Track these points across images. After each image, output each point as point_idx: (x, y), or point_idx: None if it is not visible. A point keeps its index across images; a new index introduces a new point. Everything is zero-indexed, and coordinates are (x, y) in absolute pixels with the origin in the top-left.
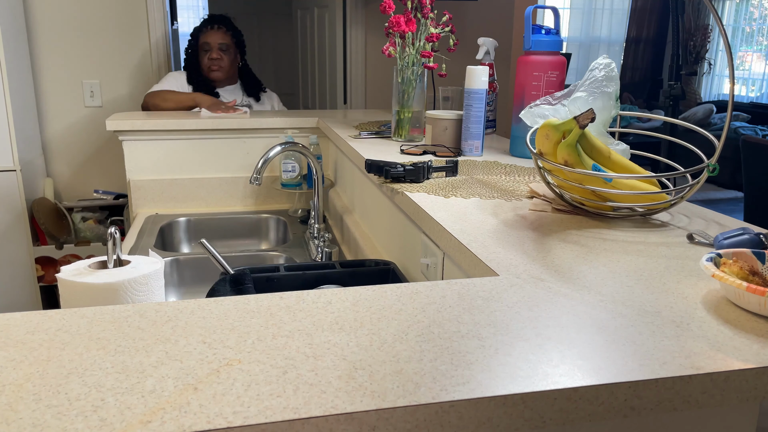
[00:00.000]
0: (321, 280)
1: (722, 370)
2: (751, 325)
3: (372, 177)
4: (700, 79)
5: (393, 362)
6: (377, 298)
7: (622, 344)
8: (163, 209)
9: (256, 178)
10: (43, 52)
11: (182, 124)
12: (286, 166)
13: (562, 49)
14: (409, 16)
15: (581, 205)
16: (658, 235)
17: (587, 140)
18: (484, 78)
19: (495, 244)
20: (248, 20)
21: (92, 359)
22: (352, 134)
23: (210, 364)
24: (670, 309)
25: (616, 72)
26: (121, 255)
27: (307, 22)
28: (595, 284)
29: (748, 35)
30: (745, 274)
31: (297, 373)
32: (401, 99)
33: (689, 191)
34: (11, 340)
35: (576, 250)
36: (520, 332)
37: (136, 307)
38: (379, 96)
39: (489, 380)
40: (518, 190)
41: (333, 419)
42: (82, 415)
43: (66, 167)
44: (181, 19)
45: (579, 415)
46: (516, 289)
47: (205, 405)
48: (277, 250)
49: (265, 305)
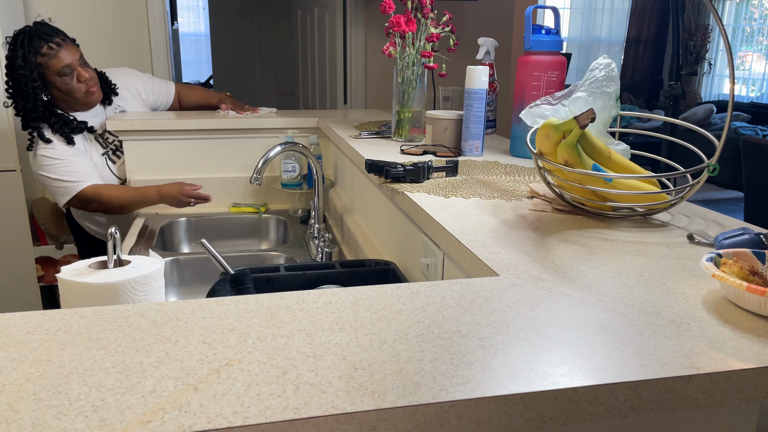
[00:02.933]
0: (321, 280)
1: (722, 370)
2: (751, 325)
3: (372, 177)
4: (700, 79)
5: (393, 362)
6: (377, 298)
7: (622, 344)
8: (163, 209)
9: (256, 178)
10: None
11: (182, 124)
12: (286, 166)
13: (562, 49)
14: (409, 16)
15: (581, 205)
16: (659, 235)
17: (587, 140)
18: (484, 78)
19: (495, 244)
20: (248, 20)
21: (92, 359)
22: (352, 134)
23: (210, 364)
24: (670, 309)
25: (616, 72)
26: (122, 255)
27: (307, 22)
28: (595, 284)
29: (748, 35)
30: (745, 274)
31: (297, 373)
32: (401, 99)
33: (689, 191)
34: (11, 340)
35: (576, 250)
36: (520, 332)
37: (136, 307)
38: (379, 96)
39: (489, 380)
40: (518, 190)
41: (333, 419)
42: (82, 415)
43: None
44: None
45: (579, 415)
46: (516, 289)
47: (205, 405)
48: (277, 250)
49: (265, 305)
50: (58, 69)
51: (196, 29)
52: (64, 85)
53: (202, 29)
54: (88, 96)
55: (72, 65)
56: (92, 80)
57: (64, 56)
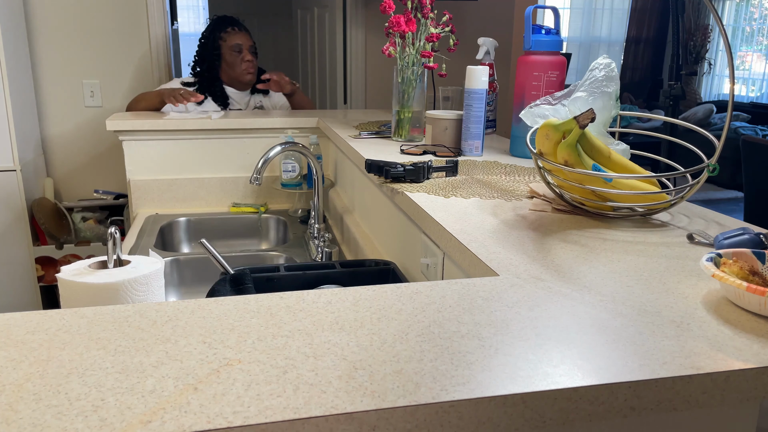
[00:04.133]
0: (321, 280)
1: (722, 370)
2: (751, 325)
3: (372, 177)
4: (700, 79)
5: (393, 362)
6: (377, 298)
7: (622, 344)
8: (163, 209)
9: (256, 178)
10: (43, 52)
11: (182, 124)
12: (286, 166)
13: (562, 49)
14: (409, 16)
15: (581, 205)
16: (658, 235)
17: (587, 140)
18: (484, 78)
19: (495, 244)
20: (248, 20)
21: (92, 359)
22: (352, 134)
23: (210, 364)
24: (670, 309)
25: (616, 72)
26: (121, 255)
27: (307, 22)
28: (595, 284)
29: (748, 35)
30: (745, 274)
31: (297, 373)
32: (401, 99)
33: (689, 191)
34: (11, 340)
35: (576, 250)
36: (520, 332)
37: (136, 307)
38: (379, 96)
39: (489, 380)
40: (518, 190)
41: (333, 419)
42: (82, 415)
43: (66, 167)
44: (181, 19)
45: (579, 415)
46: (516, 289)
47: (205, 405)
48: (277, 250)
49: (265, 305)
50: (232, 44)
51: (196, 29)
52: (231, 58)
53: (202, 29)
54: (243, 75)
55: (242, 45)
56: (252, 66)
57: (239, 37)
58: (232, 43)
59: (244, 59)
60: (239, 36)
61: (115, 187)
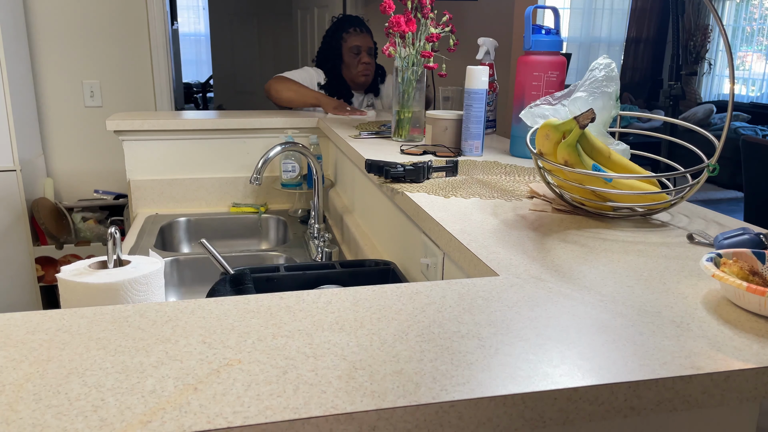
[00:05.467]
0: (321, 280)
1: (722, 370)
2: (751, 325)
3: (372, 177)
4: (700, 79)
5: (393, 362)
6: (377, 298)
7: (622, 344)
8: (163, 209)
9: (256, 178)
10: (43, 53)
11: (182, 124)
12: (286, 166)
13: (562, 49)
14: (409, 16)
15: (581, 205)
16: (658, 235)
17: (587, 140)
18: (484, 78)
19: (495, 244)
20: (248, 20)
21: (92, 359)
22: (352, 134)
23: (210, 364)
24: (670, 309)
25: (616, 72)
26: (121, 255)
27: (307, 22)
28: (595, 284)
29: (749, 35)
30: (745, 274)
31: (297, 373)
32: (401, 99)
33: (689, 191)
34: (11, 340)
35: (576, 250)
36: (520, 332)
37: (136, 307)
38: None
39: (489, 380)
40: (518, 190)
41: (333, 419)
42: (82, 415)
43: (66, 167)
44: (181, 19)
45: (579, 415)
46: (516, 289)
47: (205, 405)
48: (277, 250)
49: (265, 305)
50: (351, 46)
51: (196, 29)
52: (349, 59)
53: (202, 29)
54: (358, 77)
55: (361, 47)
56: (369, 68)
57: (359, 39)
58: (351, 45)
59: (361, 61)
60: (359, 38)
61: (115, 187)
